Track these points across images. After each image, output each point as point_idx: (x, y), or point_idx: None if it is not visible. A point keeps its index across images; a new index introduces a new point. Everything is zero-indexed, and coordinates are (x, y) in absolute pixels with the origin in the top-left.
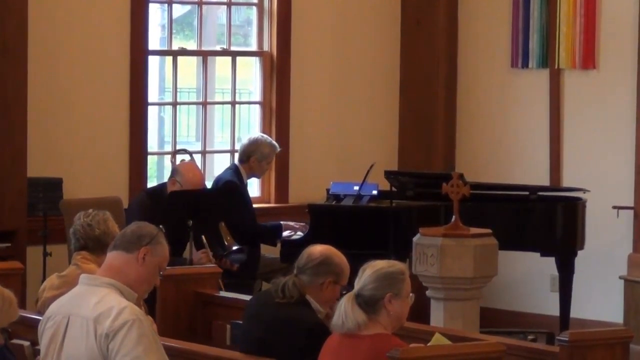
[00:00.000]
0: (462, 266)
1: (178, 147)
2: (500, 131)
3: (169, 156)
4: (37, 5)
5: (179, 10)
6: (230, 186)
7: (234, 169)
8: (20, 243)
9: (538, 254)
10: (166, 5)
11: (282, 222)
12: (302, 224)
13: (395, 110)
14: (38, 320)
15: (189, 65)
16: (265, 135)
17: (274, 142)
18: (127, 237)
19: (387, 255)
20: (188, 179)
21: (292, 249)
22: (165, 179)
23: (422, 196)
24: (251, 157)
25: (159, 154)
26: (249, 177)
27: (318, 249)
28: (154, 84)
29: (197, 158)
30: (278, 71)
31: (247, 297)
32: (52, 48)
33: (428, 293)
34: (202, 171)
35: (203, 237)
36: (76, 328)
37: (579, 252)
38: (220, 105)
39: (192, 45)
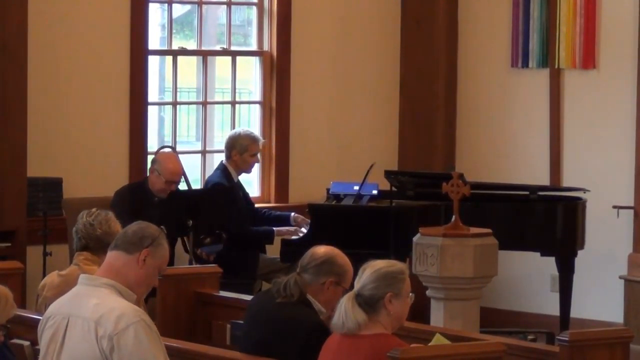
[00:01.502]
0: (462, 266)
1: (178, 147)
2: (500, 131)
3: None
4: (37, 5)
5: (178, 9)
6: (218, 189)
7: (221, 168)
8: (20, 243)
9: (538, 254)
10: (166, 4)
11: (275, 229)
12: (293, 228)
13: (395, 110)
14: (38, 320)
15: (189, 65)
16: (245, 128)
17: (254, 134)
18: (128, 238)
19: (387, 255)
20: (167, 167)
21: (292, 248)
22: None
23: (422, 196)
24: (232, 151)
25: None
26: (238, 174)
27: (323, 249)
28: (154, 83)
29: (197, 158)
30: (278, 71)
31: (247, 297)
32: (52, 48)
33: (428, 293)
34: (202, 171)
35: (186, 240)
36: (77, 329)
37: (579, 252)
38: (220, 105)
39: (192, 45)
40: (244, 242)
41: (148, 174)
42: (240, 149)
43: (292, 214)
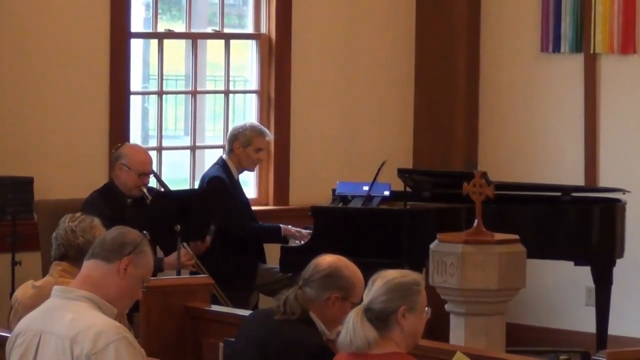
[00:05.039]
0: (486, 277)
1: (164, 142)
2: (528, 124)
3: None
4: None
5: None
6: (216, 183)
7: (221, 163)
8: None
9: (571, 263)
10: None
11: (282, 226)
12: (305, 231)
13: (410, 102)
14: (6, 338)
15: (176, 50)
16: (253, 121)
17: (260, 127)
18: (107, 245)
19: (400, 264)
20: (135, 159)
21: (293, 256)
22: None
23: (440, 197)
24: (234, 143)
25: None
26: (240, 172)
27: (327, 260)
28: (137, 70)
29: (186, 154)
30: (277, 56)
31: (242, 312)
32: (22, 30)
33: (447, 307)
34: (192, 169)
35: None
36: (49, 348)
37: (618, 261)
38: (212, 95)
39: (180, 27)
40: (245, 242)
41: (115, 173)
42: (243, 141)
43: (281, 225)
